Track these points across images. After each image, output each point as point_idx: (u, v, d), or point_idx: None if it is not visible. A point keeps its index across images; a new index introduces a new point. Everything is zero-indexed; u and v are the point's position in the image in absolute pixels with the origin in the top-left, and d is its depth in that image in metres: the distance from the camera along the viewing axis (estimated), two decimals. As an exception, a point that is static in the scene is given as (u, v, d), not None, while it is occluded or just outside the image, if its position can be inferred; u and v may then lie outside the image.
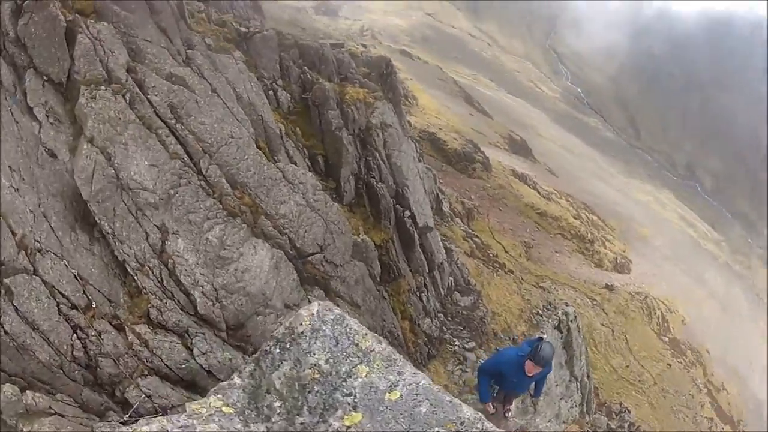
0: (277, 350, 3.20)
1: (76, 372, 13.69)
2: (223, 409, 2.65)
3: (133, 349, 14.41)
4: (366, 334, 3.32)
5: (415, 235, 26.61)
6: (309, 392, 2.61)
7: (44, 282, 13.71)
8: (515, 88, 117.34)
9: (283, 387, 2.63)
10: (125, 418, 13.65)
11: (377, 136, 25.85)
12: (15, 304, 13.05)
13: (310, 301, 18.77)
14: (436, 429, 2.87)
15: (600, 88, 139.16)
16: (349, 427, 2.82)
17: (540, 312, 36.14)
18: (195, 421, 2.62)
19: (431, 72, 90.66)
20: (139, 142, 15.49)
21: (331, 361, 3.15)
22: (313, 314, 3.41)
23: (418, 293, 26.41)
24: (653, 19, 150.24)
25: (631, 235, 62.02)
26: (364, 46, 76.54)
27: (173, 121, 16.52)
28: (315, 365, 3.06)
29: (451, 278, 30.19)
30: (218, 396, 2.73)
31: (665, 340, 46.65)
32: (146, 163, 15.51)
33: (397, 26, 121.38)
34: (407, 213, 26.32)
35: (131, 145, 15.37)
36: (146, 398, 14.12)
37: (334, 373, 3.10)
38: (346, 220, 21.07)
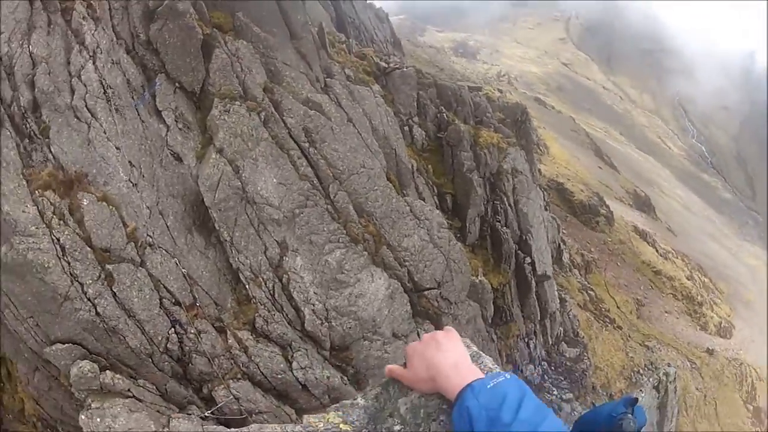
0: None
1: (166, 363, 13.30)
2: (341, 426, 2.54)
3: (230, 352, 13.99)
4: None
5: (533, 282, 25.35)
6: (433, 420, 2.42)
7: (150, 275, 13.40)
8: (644, 143, 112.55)
9: (407, 413, 2.47)
10: (207, 414, 13.26)
11: (507, 181, 24.88)
12: (114, 290, 12.72)
13: (419, 334, 18.02)
14: None
15: (722, 148, 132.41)
16: None
17: (641, 371, 34.16)
18: (309, 433, 2.64)
19: (564, 122, 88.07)
20: (269, 160, 15.30)
21: None
22: None
23: (526, 339, 25.09)
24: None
25: (738, 299, 58.17)
26: (500, 91, 75.28)
27: (306, 145, 16.21)
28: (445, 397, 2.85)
29: (561, 328, 28.56)
30: (338, 413, 2.62)
31: (750, 408, 43.04)
32: (275, 180, 15.28)
33: (533, 74, 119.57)
34: (528, 260, 25.17)
35: (261, 161, 15.20)
36: (234, 400, 13.64)
37: None
38: (467, 260, 20.02)
